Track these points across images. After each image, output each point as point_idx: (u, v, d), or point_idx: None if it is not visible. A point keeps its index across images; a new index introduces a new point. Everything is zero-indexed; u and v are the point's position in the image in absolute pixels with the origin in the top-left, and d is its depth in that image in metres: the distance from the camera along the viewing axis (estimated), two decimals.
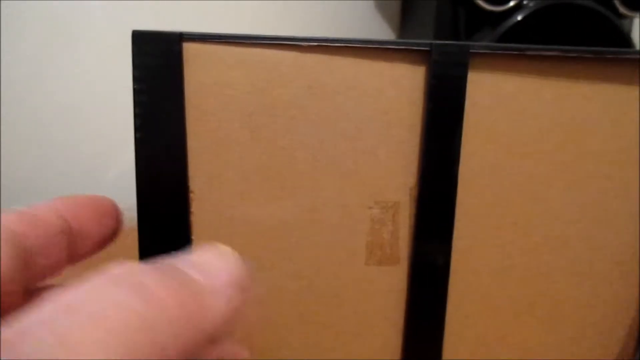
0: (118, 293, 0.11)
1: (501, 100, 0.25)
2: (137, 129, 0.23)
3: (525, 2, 0.50)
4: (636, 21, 0.56)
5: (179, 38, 0.23)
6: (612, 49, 0.25)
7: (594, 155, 0.26)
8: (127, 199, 0.23)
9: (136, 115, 0.23)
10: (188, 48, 0.24)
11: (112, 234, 0.19)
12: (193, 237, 0.25)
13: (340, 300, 0.26)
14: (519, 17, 0.51)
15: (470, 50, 0.24)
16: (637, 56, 0.25)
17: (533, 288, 0.27)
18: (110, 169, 0.57)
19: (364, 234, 0.26)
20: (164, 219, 0.24)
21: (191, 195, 0.25)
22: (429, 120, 0.24)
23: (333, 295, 0.26)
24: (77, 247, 0.18)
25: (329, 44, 0.24)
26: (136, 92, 0.23)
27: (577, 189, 0.27)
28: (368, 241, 0.26)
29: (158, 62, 0.23)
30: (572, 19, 0.50)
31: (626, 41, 0.49)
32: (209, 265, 0.14)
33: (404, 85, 0.25)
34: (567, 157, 0.26)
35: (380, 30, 0.67)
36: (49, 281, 0.17)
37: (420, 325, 0.26)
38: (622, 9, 0.51)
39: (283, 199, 0.25)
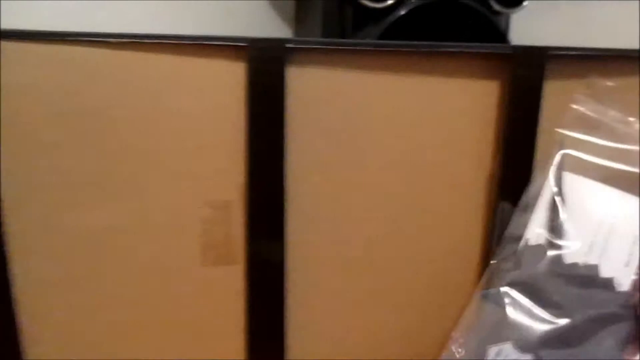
0: None
1: (329, 95, 0.25)
2: None
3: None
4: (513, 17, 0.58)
5: None
6: (445, 44, 0.26)
7: (428, 150, 0.27)
8: None
9: None
10: (6, 46, 0.22)
11: None
12: (9, 249, 0.24)
13: (178, 303, 0.26)
14: (400, 14, 0.52)
15: (287, 45, 0.24)
16: (476, 51, 0.26)
17: (374, 278, 0.27)
18: None
19: (197, 235, 0.25)
20: None
21: (2, 204, 0.23)
22: (252, 116, 0.24)
23: (170, 299, 0.26)
24: None
25: (140, 41, 0.23)
26: None
27: (412, 181, 0.27)
28: (201, 242, 0.25)
29: None
30: (451, 16, 0.52)
31: (502, 37, 0.51)
32: None
33: (226, 82, 0.24)
34: (401, 149, 0.26)
35: (276, 30, 0.67)
36: None
37: (261, 322, 0.26)
38: (496, 6, 0.53)
39: (110, 204, 0.24)
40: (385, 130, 0.26)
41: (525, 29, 0.60)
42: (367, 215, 0.27)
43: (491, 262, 0.27)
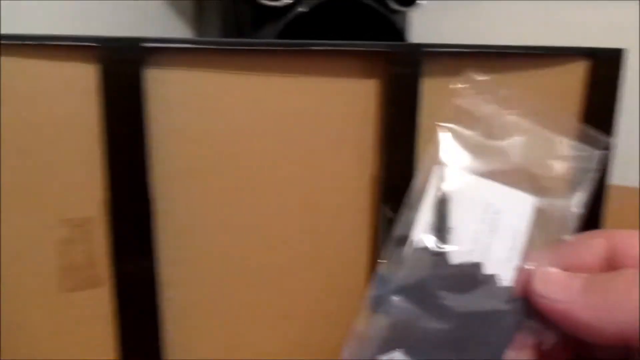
0: None
1: (195, 98, 0.24)
2: None
3: None
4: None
5: None
6: (317, 42, 0.24)
7: (307, 152, 0.26)
8: None
9: None
10: None
11: None
12: None
13: (37, 336, 0.23)
14: (298, 12, 0.51)
15: (140, 45, 0.22)
16: (356, 49, 0.25)
17: (257, 289, 0.26)
18: None
19: (52, 258, 0.23)
20: None
21: None
22: (108, 124, 0.22)
23: (28, 333, 0.23)
24: None
25: None
26: None
27: (293, 185, 0.26)
28: (59, 265, 0.23)
29: None
30: (349, 15, 0.52)
31: (399, 35, 0.51)
32: None
33: (78, 86, 0.22)
34: (275, 152, 0.25)
35: (177, 30, 0.64)
36: None
37: (135, 349, 0.24)
38: (393, 5, 0.53)
39: None
40: (260, 133, 0.25)
41: (428, 28, 0.61)
42: (245, 222, 0.25)
43: (377, 266, 0.26)
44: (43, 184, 0.22)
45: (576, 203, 0.25)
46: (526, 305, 0.24)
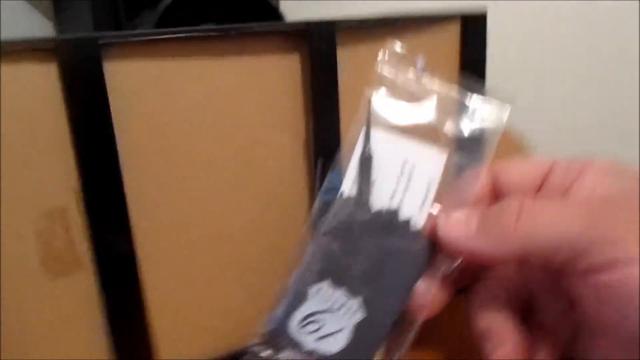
0: None
1: (149, 86, 0.26)
2: None
3: None
4: None
5: None
6: (247, 25, 0.28)
7: (247, 125, 0.29)
8: None
9: None
10: None
11: None
12: None
13: (30, 324, 0.25)
14: None
15: (100, 42, 0.24)
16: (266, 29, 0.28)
17: (220, 254, 0.29)
18: None
19: (35, 248, 0.24)
20: None
21: None
22: (74, 120, 0.24)
23: (19, 321, 0.24)
24: None
25: None
26: None
27: (238, 156, 0.29)
28: (41, 255, 0.24)
29: None
30: None
31: (276, 14, 0.54)
32: None
33: (38, 86, 0.23)
34: (222, 128, 0.28)
35: (39, 26, 0.61)
36: None
37: (122, 320, 0.26)
38: None
39: None
40: (207, 113, 0.28)
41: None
42: (202, 194, 0.28)
43: (310, 215, 0.30)
44: (19, 178, 0.23)
45: (485, 155, 0.30)
46: (434, 243, 0.29)
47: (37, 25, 0.62)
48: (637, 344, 0.23)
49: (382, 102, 0.30)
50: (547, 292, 0.29)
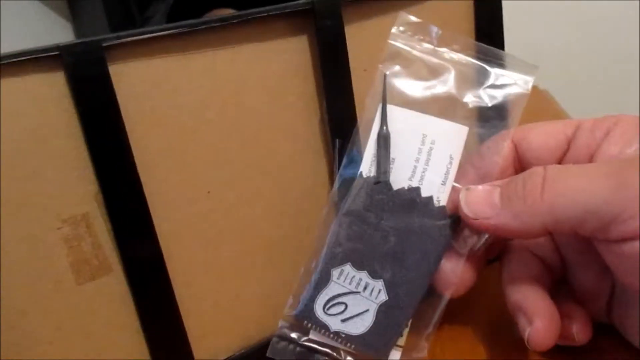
0: None
1: (157, 83, 0.26)
2: None
3: None
4: None
5: None
6: (250, 11, 0.27)
7: (259, 112, 0.29)
8: None
9: None
10: None
11: None
12: None
13: (65, 332, 0.25)
14: None
15: (104, 45, 0.23)
16: (272, 13, 0.28)
17: (245, 243, 0.29)
18: None
19: (64, 256, 0.24)
20: None
21: None
22: (86, 125, 0.24)
23: (55, 329, 0.25)
24: None
25: None
26: None
27: (256, 145, 0.29)
28: (70, 262, 0.25)
29: None
30: None
31: None
32: None
33: (46, 95, 0.23)
34: (231, 118, 0.28)
35: (58, 28, 0.61)
36: None
37: (155, 320, 0.27)
38: None
39: None
40: (217, 105, 0.28)
41: None
42: (220, 186, 0.28)
43: (329, 196, 0.30)
44: (35, 189, 0.23)
45: (510, 123, 0.29)
46: (459, 219, 0.28)
47: (58, 28, 0.62)
48: None
49: (397, 77, 0.30)
50: (580, 258, 0.28)
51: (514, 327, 0.28)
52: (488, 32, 0.36)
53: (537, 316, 0.26)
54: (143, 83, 0.25)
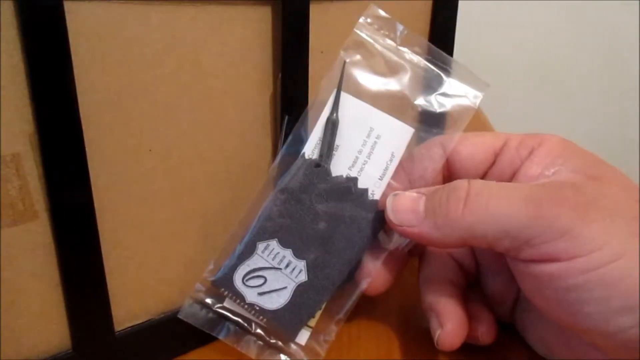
0: None
1: (111, 28, 0.24)
2: None
3: None
4: None
5: None
6: None
7: (213, 76, 0.28)
8: None
9: None
10: None
11: None
12: None
13: None
14: None
15: None
16: None
17: (181, 207, 0.29)
18: None
19: None
20: None
21: None
22: (30, 59, 0.22)
23: None
24: None
25: None
26: None
27: (205, 108, 0.28)
28: None
29: None
30: None
31: None
32: None
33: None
34: (185, 78, 0.27)
35: None
36: None
37: (78, 274, 0.26)
38: None
39: None
40: (171, 61, 0.27)
41: None
42: (164, 145, 0.27)
43: (269, 171, 0.30)
44: None
45: (450, 136, 0.29)
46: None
47: None
48: (567, 329, 0.25)
49: (356, 66, 0.30)
50: (493, 265, 0.30)
51: (424, 320, 0.30)
52: (441, 35, 0.37)
53: (448, 320, 0.28)
54: (98, 26, 0.24)
